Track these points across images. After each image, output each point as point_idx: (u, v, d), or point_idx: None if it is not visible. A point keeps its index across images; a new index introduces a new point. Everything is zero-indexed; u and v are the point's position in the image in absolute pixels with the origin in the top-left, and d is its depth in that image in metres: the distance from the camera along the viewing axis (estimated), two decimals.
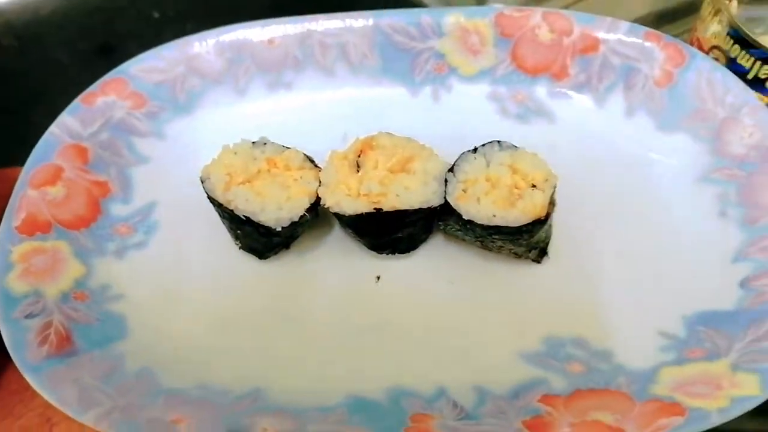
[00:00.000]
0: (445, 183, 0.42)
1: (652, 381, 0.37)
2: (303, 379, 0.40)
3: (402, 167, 0.42)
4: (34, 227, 0.42)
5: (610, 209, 0.46)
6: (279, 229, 0.41)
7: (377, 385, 0.39)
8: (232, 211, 0.41)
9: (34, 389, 0.38)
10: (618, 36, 0.48)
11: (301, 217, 0.42)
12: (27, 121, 0.70)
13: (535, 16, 0.49)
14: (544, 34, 0.49)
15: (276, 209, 0.41)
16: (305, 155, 0.44)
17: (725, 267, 0.41)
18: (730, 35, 0.48)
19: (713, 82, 0.46)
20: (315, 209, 0.43)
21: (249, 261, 0.45)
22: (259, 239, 0.43)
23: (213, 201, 0.42)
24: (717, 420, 0.34)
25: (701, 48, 0.52)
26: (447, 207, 0.41)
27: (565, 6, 0.60)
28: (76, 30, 0.69)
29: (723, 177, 0.44)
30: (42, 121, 0.69)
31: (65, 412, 0.36)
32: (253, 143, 0.44)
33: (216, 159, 0.43)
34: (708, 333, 0.39)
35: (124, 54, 0.71)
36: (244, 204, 0.41)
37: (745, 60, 0.48)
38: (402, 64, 0.51)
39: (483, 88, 0.51)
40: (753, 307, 0.39)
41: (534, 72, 0.50)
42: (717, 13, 0.50)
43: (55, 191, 0.44)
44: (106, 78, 0.48)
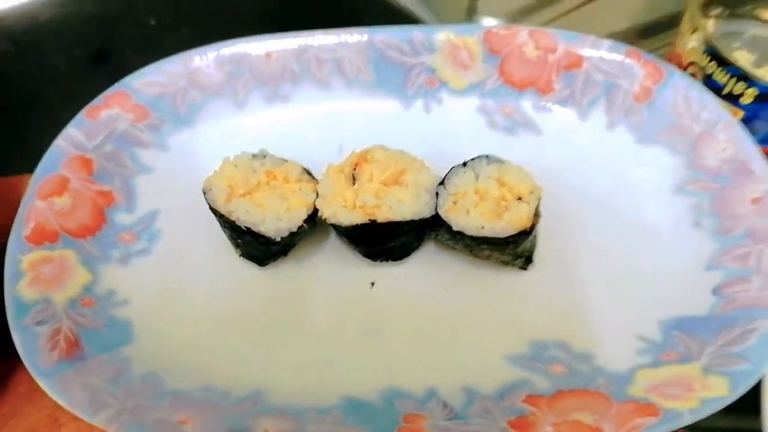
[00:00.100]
0: (436, 195, 0.44)
1: (629, 382, 0.40)
2: (301, 381, 0.42)
3: (395, 180, 0.44)
4: (42, 237, 0.44)
5: (591, 219, 0.48)
6: (278, 239, 0.43)
7: (372, 387, 0.41)
8: (233, 222, 0.43)
9: (41, 391, 0.39)
10: (600, 53, 0.50)
11: (299, 228, 0.44)
12: (25, 126, 0.71)
13: (522, 34, 0.51)
14: (530, 51, 0.51)
15: (275, 220, 0.43)
16: (303, 168, 0.46)
17: (699, 275, 0.44)
18: (706, 52, 0.51)
19: (690, 98, 0.48)
20: (312, 220, 0.45)
21: (249, 268, 0.47)
22: (259, 248, 0.45)
23: (215, 212, 0.44)
24: (688, 420, 0.36)
25: (680, 63, 0.55)
26: (438, 218, 0.44)
27: (551, 19, 0.62)
28: (73, 36, 0.70)
29: (698, 189, 0.46)
30: (39, 126, 0.70)
31: (77, 414, 0.38)
32: (253, 156, 0.46)
33: (217, 171, 0.45)
34: (682, 337, 0.41)
35: (120, 60, 0.72)
36: (244, 215, 0.43)
37: (721, 76, 0.50)
38: (395, 78, 0.53)
39: (472, 101, 0.53)
40: (724, 313, 0.41)
41: (521, 86, 0.52)
42: (695, 31, 0.52)
43: (62, 201, 0.45)
44: (109, 92, 0.49)
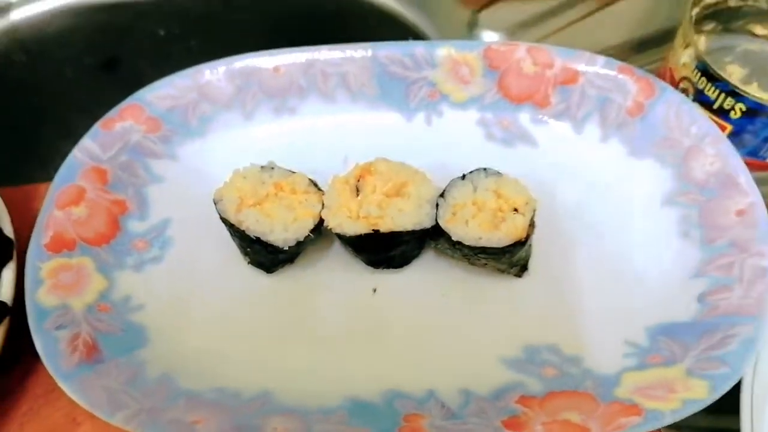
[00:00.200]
0: (437, 206, 0.46)
1: (615, 384, 0.42)
2: (306, 383, 0.44)
3: (397, 191, 0.46)
4: (60, 245, 0.46)
5: (584, 228, 0.50)
6: (286, 248, 0.46)
7: (374, 388, 0.44)
8: (243, 231, 0.46)
9: (58, 391, 0.42)
10: (595, 69, 0.52)
11: (306, 237, 0.46)
12: (36, 134, 0.73)
13: (520, 50, 0.53)
14: (528, 66, 0.53)
15: (283, 230, 0.45)
16: (309, 179, 0.48)
17: (685, 282, 0.46)
18: (697, 68, 0.53)
19: (680, 113, 0.50)
20: (318, 229, 0.47)
21: (256, 274, 0.49)
22: (267, 256, 0.48)
23: (225, 221, 0.46)
24: (669, 420, 0.39)
25: (672, 77, 0.57)
26: (438, 228, 0.46)
27: (549, 33, 0.64)
28: (83, 46, 0.72)
29: (686, 200, 0.49)
30: (49, 134, 0.73)
31: (97, 415, 0.40)
32: (262, 168, 0.48)
33: (228, 182, 0.47)
34: (667, 342, 0.44)
35: (129, 69, 0.74)
36: (254, 225, 0.45)
37: (711, 91, 0.52)
38: (398, 91, 0.55)
39: (472, 114, 0.55)
40: (707, 319, 0.43)
41: (518, 100, 0.54)
42: (687, 47, 0.54)
43: (79, 211, 0.48)
44: (123, 104, 0.51)
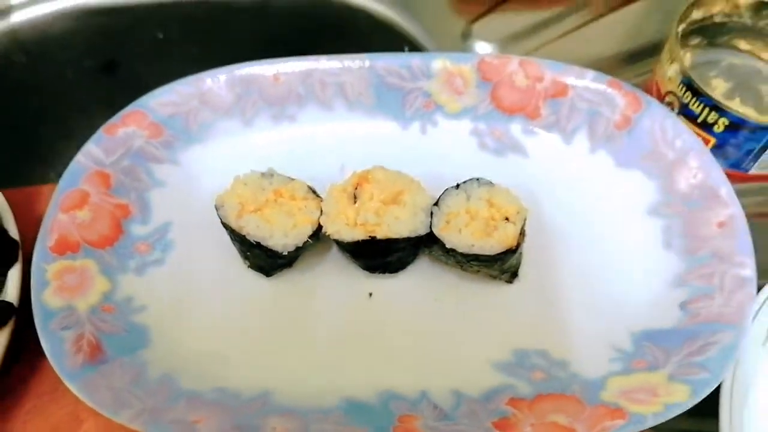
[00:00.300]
0: (431, 215, 0.48)
1: (601, 388, 0.44)
2: (304, 383, 0.46)
3: (394, 199, 0.48)
4: (65, 247, 0.47)
5: (572, 237, 0.52)
6: (285, 253, 0.47)
7: (369, 389, 0.45)
8: (243, 237, 0.47)
9: (62, 389, 0.43)
10: (584, 83, 0.55)
11: (305, 243, 0.47)
12: (36, 135, 0.74)
13: (513, 63, 0.55)
14: (520, 79, 0.55)
15: (283, 236, 0.47)
16: (308, 186, 0.50)
17: (668, 291, 0.48)
18: (682, 83, 0.55)
19: (665, 127, 0.53)
20: (317, 235, 0.48)
21: (256, 278, 0.51)
22: (266, 260, 0.49)
23: (226, 226, 0.48)
24: (651, 422, 0.40)
25: (659, 91, 0.59)
26: (432, 236, 0.48)
27: (541, 45, 0.66)
28: (83, 48, 0.73)
29: (670, 211, 0.51)
30: (49, 135, 0.74)
31: (102, 413, 0.41)
32: (262, 174, 0.49)
33: (229, 189, 0.48)
34: (651, 348, 0.46)
35: (128, 72, 0.75)
36: (254, 230, 0.47)
37: (696, 106, 0.55)
38: (394, 101, 0.56)
39: (465, 124, 0.57)
40: (688, 327, 0.45)
41: (510, 112, 0.56)
42: (673, 62, 0.56)
43: (83, 214, 0.49)
44: (126, 110, 0.53)
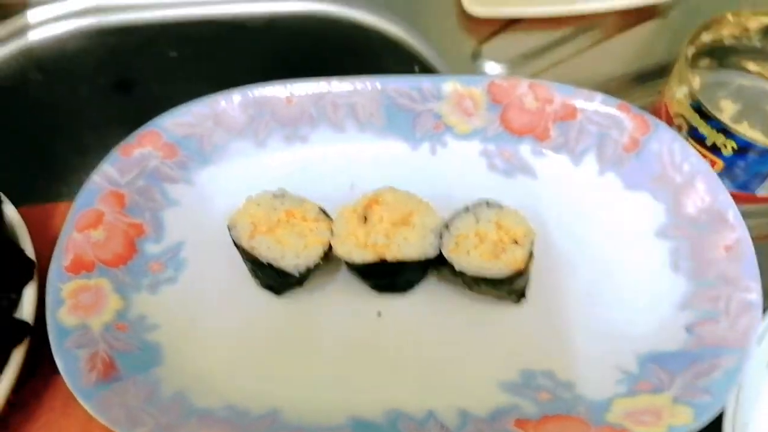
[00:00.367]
0: (440, 236, 0.49)
1: (606, 410, 0.44)
2: (313, 402, 0.46)
3: (403, 221, 0.49)
4: (80, 267, 0.48)
5: (580, 257, 0.52)
6: (296, 274, 0.48)
7: (377, 408, 0.46)
8: (255, 257, 0.48)
9: (74, 405, 0.43)
10: (593, 105, 0.55)
11: (316, 264, 0.48)
12: (51, 152, 0.75)
13: (522, 86, 0.56)
14: (529, 101, 0.56)
15: (294, 257, 0.48)
16: (319, 207, 0.51)
17: (675, 313, 0.48)
18: (692, 106, 0.56)
19: (673, 151, 0.53)
20: (327, 256, 0.49)
21: (266, 296, 0.52)
22: (277, 279, 0.50)
23: (238, 247, 0.49)
24: None
25: (668, 113, 0.60)
26: (441, 257, 0.48)
27: (550, 65, 0.67)
28: (97, 66, 0.74)
29: (678, 234, 0.51)
30: (63, 150, 0.75)
31: (115, 430, 0.42)
32: (274, 195, 0.50)
33: (241, 209, 0.49)
34: (656, 370, 0.46)
35: (142, 90, 0.77)
36: (266, 251, 0.48)
37: (704, 129, 0.55)
38: (404, 122, 0.57)
39: (475, 145, 0.57)
40: (694, 350, 0.46)
41: (520, 133, 0.57)
42: (682, 84, 0.57)
43: (98, 234, 0.50)
44: (141, 131, 0.54)
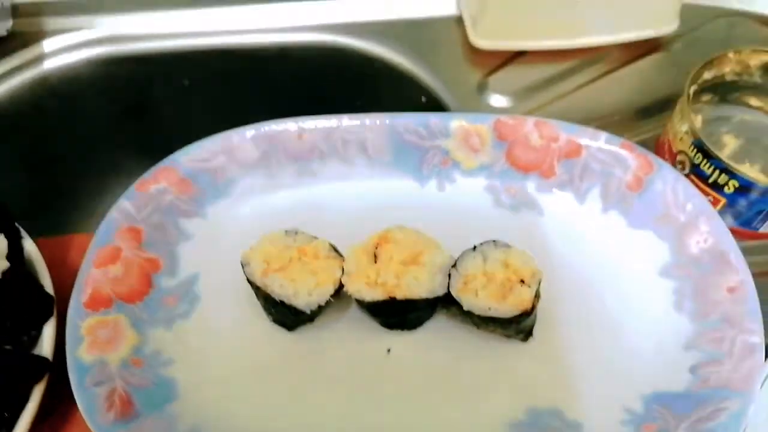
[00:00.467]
0: (449, 276, 0.50)
1: None
2: None
3: (413, 260, 0.50)
4: (98, 303, 0.49)
5: (585, 296, 0.53)
6: (308, 311, 0.49)
7: None
8: (268, 294, 0.49)
9: None
10: (598, 144, 0.56)
11: (327, 302, 0.49)
12: (64, 179, 0.76)
13: (528, 123, 0.57)
14: (535, 139, 0.57)
15: (306, 294, 0.49)
16: (330, 244, 0.52)
17: (679, 354, 0.49)
18: (694, 144, 0.57)
19: (676, 190, 0.54)
20: (338, 293, 0.50)
21: (278, 332, 0.53)
22: (289, 316, 0.51)
23: (252, 284, 0.50)
24: None
25: (670, 149, 0.61)
26: (449, 296, 0.49)
27: (555, 98, 0.68)
28: (111, 94, 0.75)
29: (681, 274, 0.52)
30: (77, 179, 0.76)
31: None
32: (286, 232, 0.51)
33: (255, 247, 0.50)
34: (661, 411, 0.47)
35: (155, 118, 0.78)
36: (279, 289, 0.49)
37: (706, 167, 0.56)
38: (412, 159, 0.58)
39: (481, 181, 0.59)
40: (698, 391, 0.47)
41: (525, 170, 0.58)
42: (684, 122, 0.58)
43: (115, 269, 0.51)
44: (158, 167, 0.55)
